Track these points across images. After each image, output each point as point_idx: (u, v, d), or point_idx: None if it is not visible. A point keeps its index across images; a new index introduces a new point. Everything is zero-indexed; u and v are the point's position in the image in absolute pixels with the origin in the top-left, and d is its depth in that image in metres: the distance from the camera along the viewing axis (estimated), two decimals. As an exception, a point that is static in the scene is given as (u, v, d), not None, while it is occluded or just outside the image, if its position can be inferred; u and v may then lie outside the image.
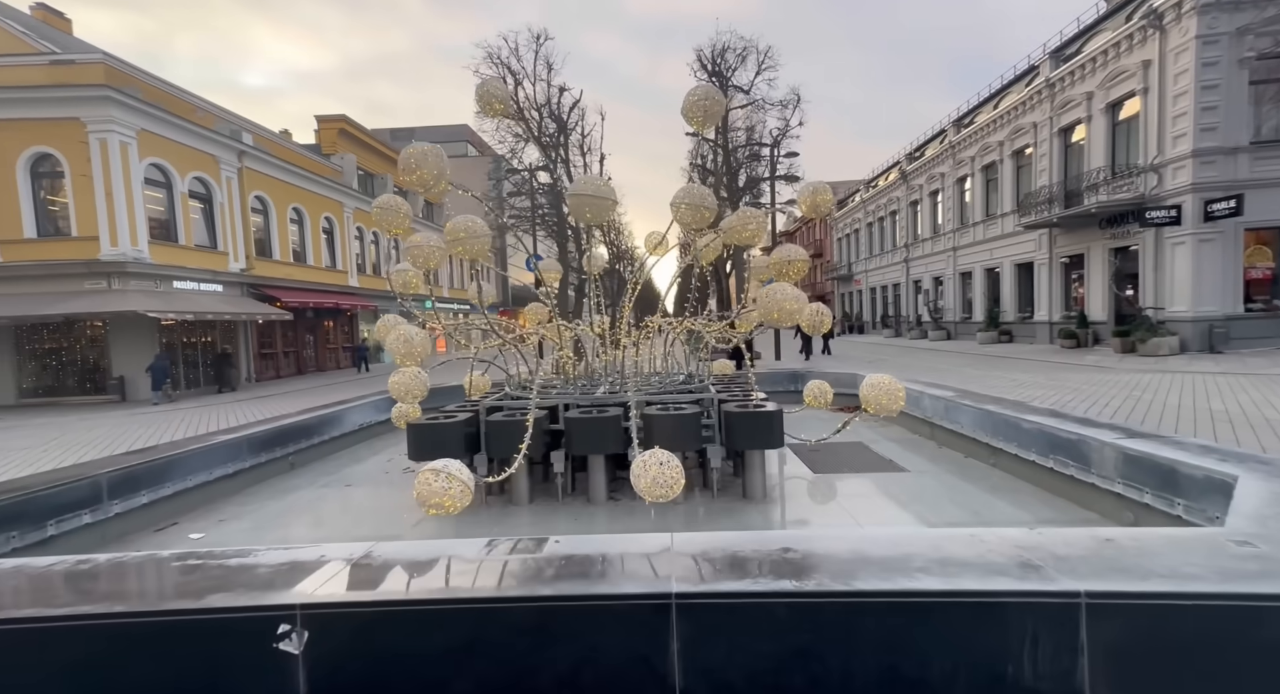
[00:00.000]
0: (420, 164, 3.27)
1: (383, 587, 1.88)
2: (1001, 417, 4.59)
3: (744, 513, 3.94)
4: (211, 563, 2.05)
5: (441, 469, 2.82)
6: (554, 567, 1.96)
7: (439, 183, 3.39)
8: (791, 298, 3.61)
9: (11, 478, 3.68)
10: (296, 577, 1.93)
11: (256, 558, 2.10)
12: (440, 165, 3.32)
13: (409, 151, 3.29)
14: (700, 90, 4.00)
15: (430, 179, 3.32)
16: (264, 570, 1.99)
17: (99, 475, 3.65)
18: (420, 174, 3.29)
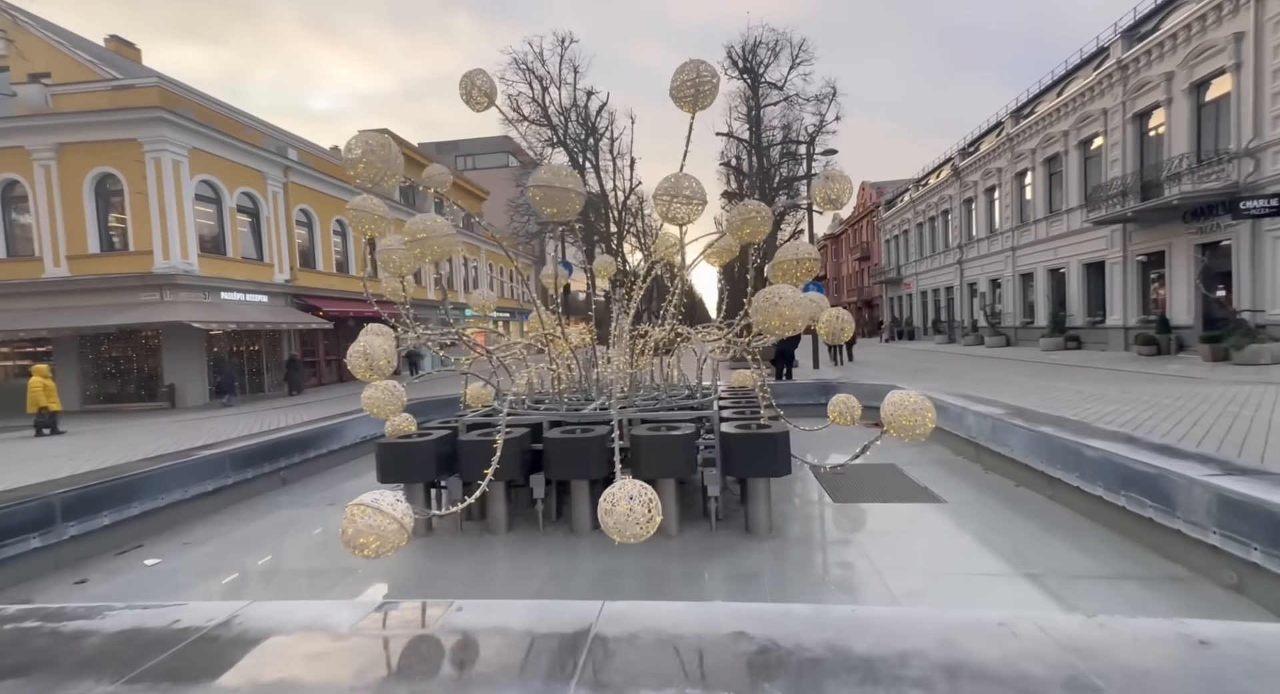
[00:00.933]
0: (363, 156, 2.93)
1: (203, 673, 1.48)
2: (1059, 441, 3.86)
3: (738, 552, 3.39)
4: (40, 628, 1.72)
5: (370, 504, 2.44)
6: (425, 654, 1.52)
7: (387, 177, 3.04)
8: (790, 302, 3.07)
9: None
10: (117, 650, 1.56)
11: (101, 620, 1.75)
12: (385, 157, 2.98)
13: (351, 142, 2.96)
14: (688, 67, 3.52)
15: (375, 172, 2.98)
16: (93, 641, 1.64)
17: (51, 496, 3.47)
18: (363, 167, 2.95)
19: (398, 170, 3.09)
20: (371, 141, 2.94)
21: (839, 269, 58.53)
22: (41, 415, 11.60)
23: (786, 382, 9.14)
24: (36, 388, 11.61)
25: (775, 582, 2.99)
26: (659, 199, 3.31)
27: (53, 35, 16.65)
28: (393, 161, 3.03)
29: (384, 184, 3.05)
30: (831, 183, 4.18)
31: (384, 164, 2.97)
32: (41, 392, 11.62)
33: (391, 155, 3.00)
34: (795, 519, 3.99)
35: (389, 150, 2.99)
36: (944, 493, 4.35)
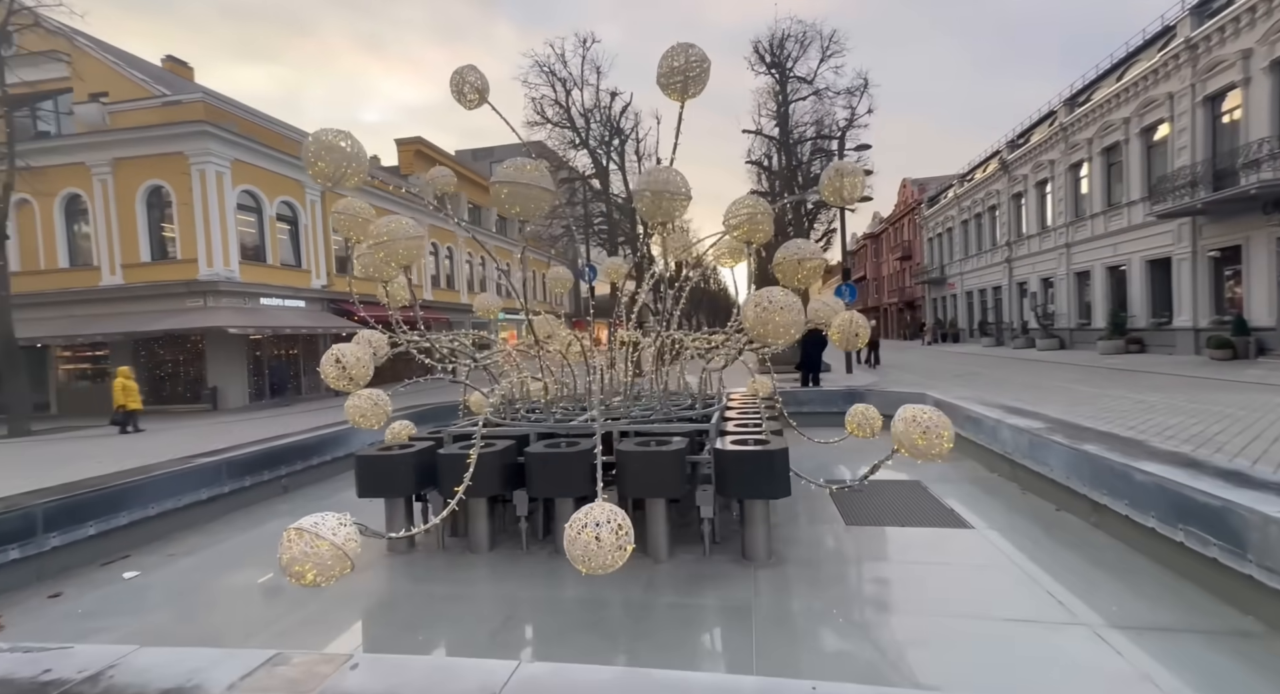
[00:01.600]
0: (320, 156, 2.77)
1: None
2: (1104, 462, 3.38)
3: (730, 582, 3.07)
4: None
5: (309, 529, 2.24)
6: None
7: (347, 177, 2.87)
8: (780, 307, 2.73)
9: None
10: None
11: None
12: (341, 158, 2.80)
13: (309, 142, 2.80)
14: (676, 52, 3.24)
15: (333, 172, 2.81)
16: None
17: (33, 506, 3.45)
18: (321, 167, 2.79)
19: (361, 168, 2.92)
20: (327, 139, 2.77)
21: (879, 269, 56.72)
22: (120, 414, 12.30)
23: (811, 389, 8.68)
24: (118, 388, 12.33)
25: (766, 621, 2.66)
26: (639, 195, 3.04)
27: (109, 56, 17.63)
28: (354, 158, 2.85)
29: (347, 183, 2.88)
30: (841, 175, 3.80)
31: (344, 161, 2.80)
32: (121, 391, 12.30)
33: (351, 153, 2.83)
34: (800, 543, 3.63)
35: (342, 152, 2.81)
36: (973, 516, 3.91)
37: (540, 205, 2.83)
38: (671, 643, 2.55)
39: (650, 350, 5.44)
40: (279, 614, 2.95)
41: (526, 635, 2.66)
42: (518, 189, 2.74)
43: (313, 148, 2.78)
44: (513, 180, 2.73)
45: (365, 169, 2.97)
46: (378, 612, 3.02)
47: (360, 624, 2.91)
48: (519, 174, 2.75)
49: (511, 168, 2.75)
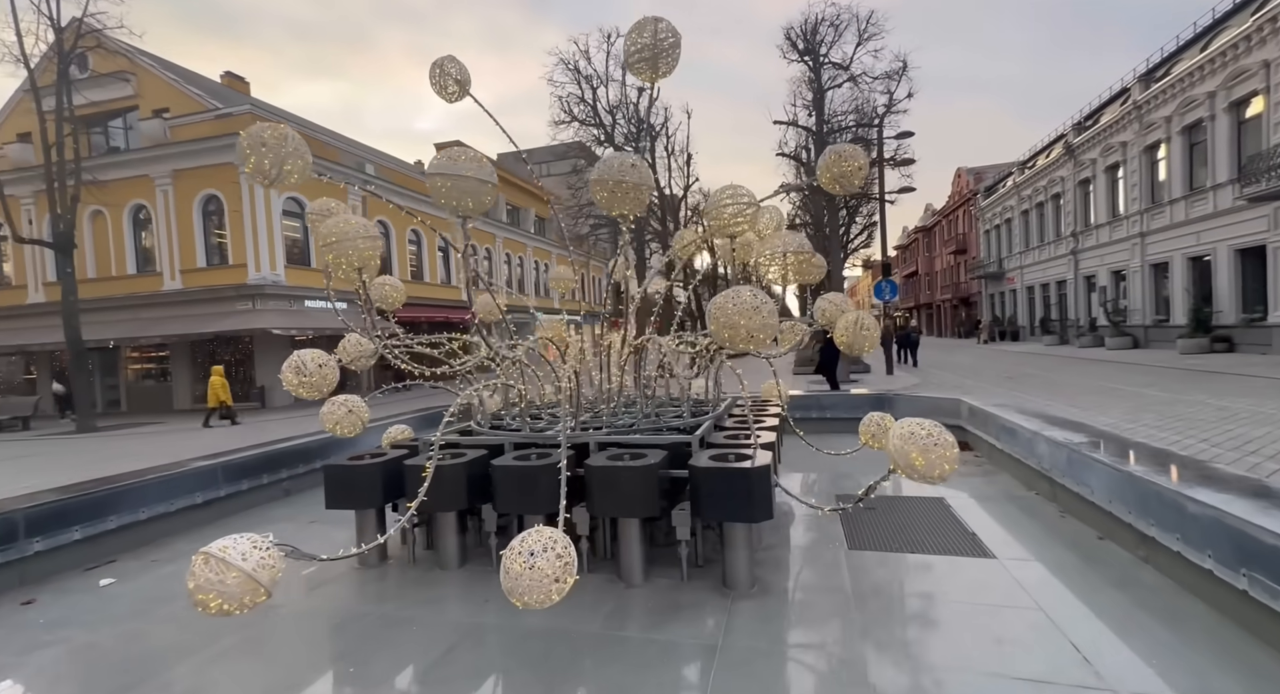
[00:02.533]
0: (254, 149, 2.63)
1: None
2: (1151, 487, 2.87)
3: (703, 614, 2.75)
4: None
5: (216, 553, 2.08)
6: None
7: (284, 175, 2.72)
8: (747, 309, 2.40)
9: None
10: None
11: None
12: (278, 152, 2.65)
13: (243, 135, 2.66)
14: (645, 26, 2.94)
15: (270, 168, 2.66)
16: None
17: (13, 511, 3.50)
18: (256, 160, 2.65)
19: (302, 164, 2.76)
20: (259, 134, 2.62)
21: (931, 264, 54.17)
22: (223, 408, 13.45)
23: (836, 394, 8.15)
24: (216, 385, 13.37)
25: (730, 664, 2.34)
26: (598, 184, 2.77)
27: (170, 74, 18.72)
28: (292, 154, 2.70)
29: (288, 180, 2.73)
30: (841, 159, 3.41)
31: (278, 158, 2.65)
32: (221, 389, 13.32)
33: (289, 148, 2.67)
34: (790, 569, 3.26)
35: (282, 145, 2.66)
36: (998, 543, 3.43)
37: (481, 198, 2.60)
38: (616, 687, 2.27)
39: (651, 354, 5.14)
40: (226, 629, 2.83)
41: (460, 670, 2.43)
42: (456, 182, 2.51)
43: (245, 144, 2.64)
44: (448, 172, 2.51)
45: (308, 166, 2.81)
46: (322, 633, 2.87)
47: (298, 648, 2.76)
48: (453, 166, 2.53)
49: (446, 159, 2.53)
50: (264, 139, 2.63)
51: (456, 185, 2.58)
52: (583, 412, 4.34)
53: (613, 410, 4.22)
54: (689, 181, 20.25)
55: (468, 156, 2.57)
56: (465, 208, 2.58)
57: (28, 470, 9.56)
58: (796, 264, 3.13)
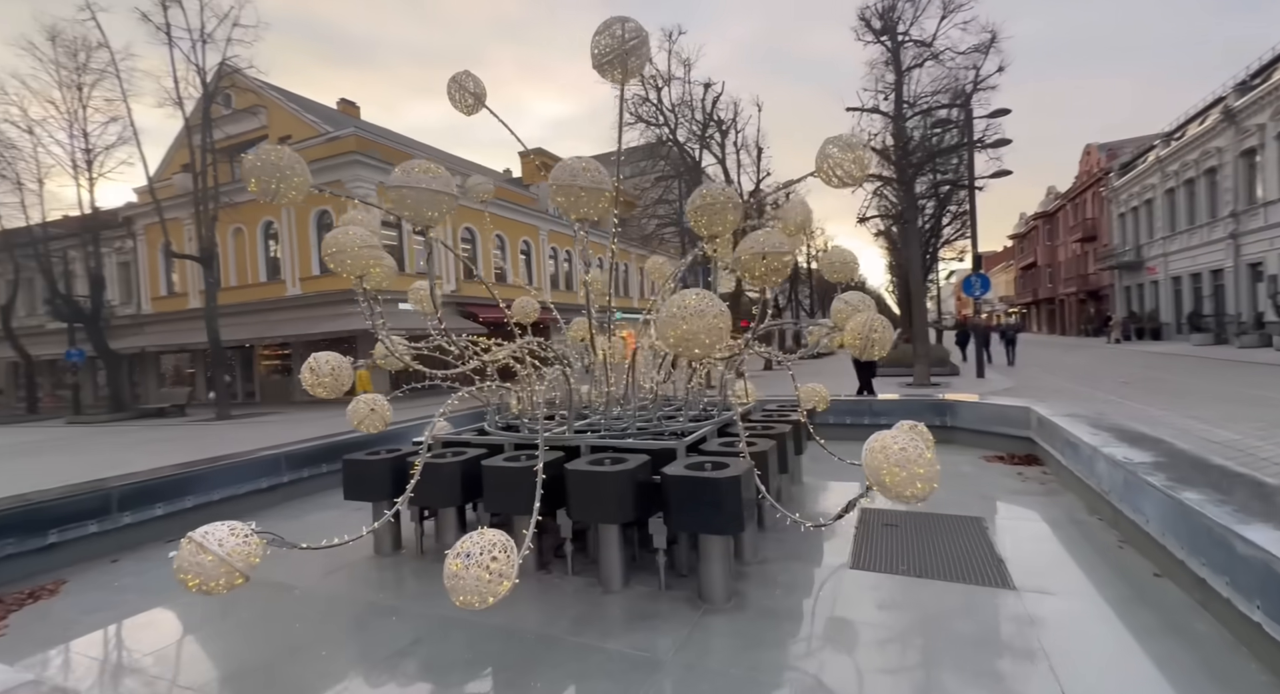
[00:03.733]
0: (254, 172, 2.90)
1: None
2: (1200, 520, 2.40)
3: (659, 626, 2.68)
4: None
5: (198, 538, 2.33)
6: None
7: (287, 192, 2.97)
8: (691, 313, 2.30)
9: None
10: None
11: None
12: (279, 173, 2.90)
13: (247, 158, 2.95)
14: (612, 25, 2.92)
15: (272, 187, 2.93)
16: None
17: (110, 489, 4.14)
18: (258, 181, 2.92)
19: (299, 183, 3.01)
20: (268, 159, 2.89)
21: (1053, 254, 48.54)
22: None
23: (887, 399, 7.52)
24: (365, 380, 15.05)
25: (669, 682, 2.27)
26: (556, 189, 2.78)
27: (292, 104, 21.14)
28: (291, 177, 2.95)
29: (283, 198, 2.99)
30: (845, 149, 3.16)
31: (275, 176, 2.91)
32: (366, 383, 15.01)
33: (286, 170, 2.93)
34: (778, 585, 3.08)
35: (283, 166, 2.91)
36: (1032, 572, 3.02)
37: (440, 207, 2.70)
38: (548, 691, 2.27)
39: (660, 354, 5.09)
40: (229, 606, 3.15)
41: (415, 661, 2.55)
42: (415, 193, 2.64)
43: (247, 167, 2.92)
44: (406, 184, 2.64)
45: (306, 183, 3.05)
46: (316, 615, 3.10)
47: (286, 629, 2.96)
48: (408, 178, 2.65)
49: (402, 172, 2.66)
50: (265, 161, 2.90)
51: (416, 196, 2.71)
52: (604, 413, 4.39)
53: (622, 414, 4.21)
54: (761, 176, 19.69)
55: (422, 168, 2.68)
56: (426, 217, 2.70)
57: (167, 451, 11.23)
58: (770, 265, 2.95)
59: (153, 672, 2.59)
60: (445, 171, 2.76)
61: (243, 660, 2.65)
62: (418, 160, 2.74)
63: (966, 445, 6.08)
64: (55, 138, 20.71)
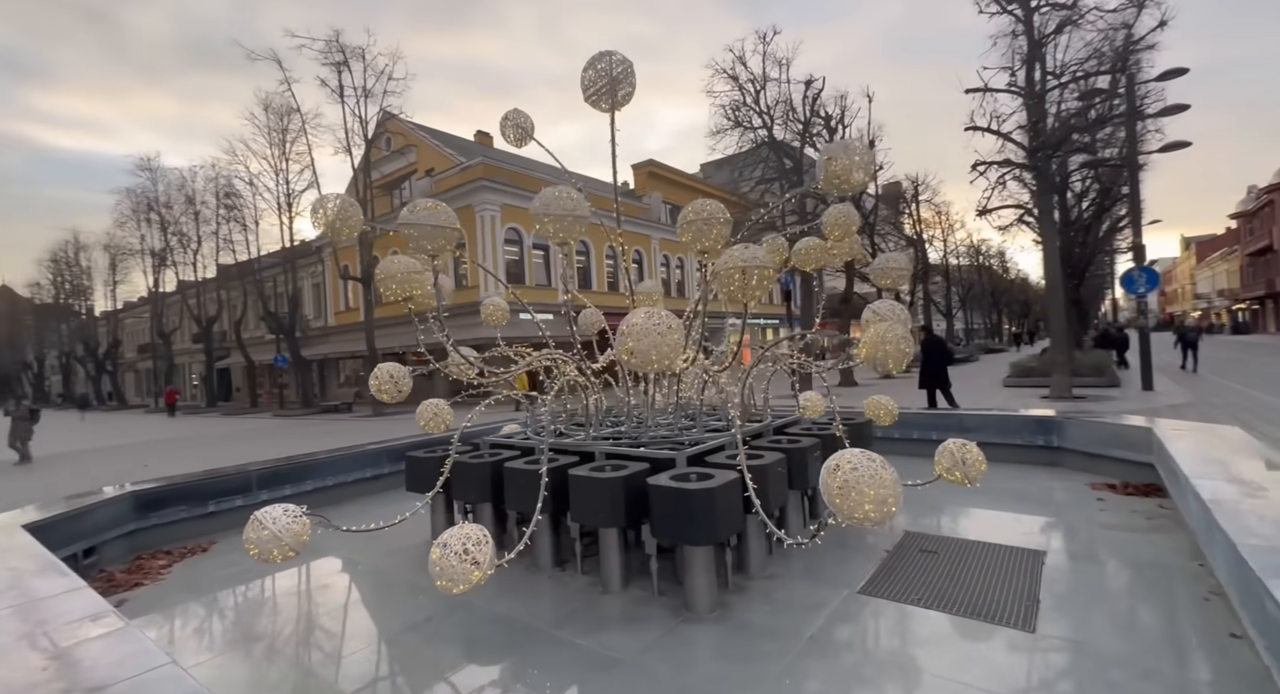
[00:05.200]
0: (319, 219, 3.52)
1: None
2: (1250, 571, 1.97)
3: (648, 629, 2.79)
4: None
5: (259, 516, 2.89)
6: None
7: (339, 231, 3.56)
8: (635, 331, 2.41)
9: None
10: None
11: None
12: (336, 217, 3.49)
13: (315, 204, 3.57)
14: (600, 59, 3.13)
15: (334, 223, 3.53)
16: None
17: (251, 472, 5.19)
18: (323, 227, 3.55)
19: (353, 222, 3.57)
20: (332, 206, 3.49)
21: (1289, 233, 38.81)
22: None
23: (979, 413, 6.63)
24: (523, 382, 17.22)
25: (607, 682, 2.40)
26: (537, 217, 3.05)
27: (434, 140, 24.06)
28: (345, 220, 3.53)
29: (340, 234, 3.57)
30: (849, 154, 3.06)
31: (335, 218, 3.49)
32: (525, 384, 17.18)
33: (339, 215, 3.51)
34: (771, 601, 3.03)
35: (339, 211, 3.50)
36: (1075, 618, 2.66)
37: (447, 240, 3.08)
38: (509, 676, 2.51)
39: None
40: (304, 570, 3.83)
41: (417, 636, 2.93)
42: (423, 230, 3.04)
43: (319, 211, 3.54)
44: (413, 222, 3.05)
45: (359, 222, 3.63)
46: (363, 586, 3.65)
47: (339, 593, 3.55)
48: (414, 216, 3.06)
49: (409, 211, 3.07)
50: (325, 209, 3.51)
51: (423, 232, 3.11)
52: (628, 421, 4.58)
53: (647, 422, 4.36)
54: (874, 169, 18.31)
55: (426, 207, 3.08)
56: (432, 249, 3.10)
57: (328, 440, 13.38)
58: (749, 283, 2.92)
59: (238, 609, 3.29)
60: (446, 208, 3.15)
61: (299, 612, 3.26)
62: (424, 200, 3.16)
63: (1077, 470, 5.29)
64: (267, 186, 25.65)
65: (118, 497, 4.46)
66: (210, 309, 32.50)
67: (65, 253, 45.68)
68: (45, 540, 3.85)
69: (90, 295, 46.64)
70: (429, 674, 2.59)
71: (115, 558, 4.35)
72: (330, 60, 19.62)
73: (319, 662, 2.76)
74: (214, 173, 28.11)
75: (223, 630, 3.17)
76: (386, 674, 2.63)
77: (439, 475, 4.21)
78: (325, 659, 2.78)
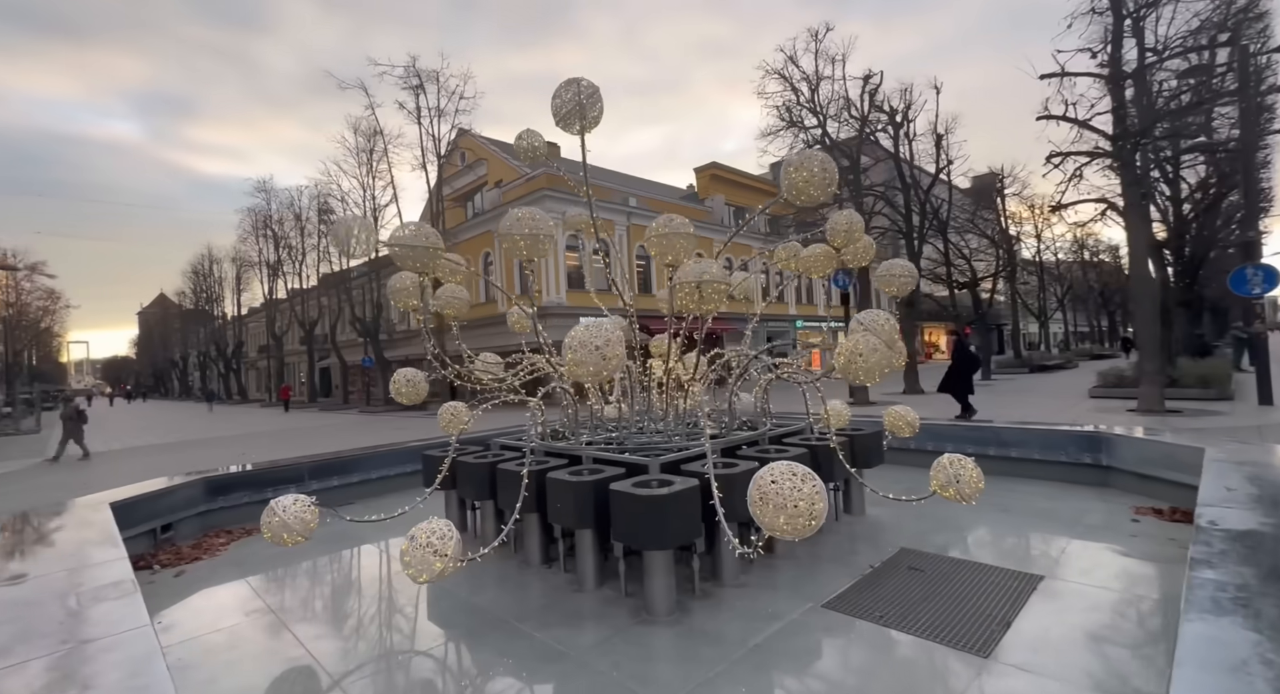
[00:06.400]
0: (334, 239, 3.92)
1: None
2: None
3: (585, 626, 2.92)
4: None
5: (273, 503, 3.26)
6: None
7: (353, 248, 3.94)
8: (574, 344, 2.55)
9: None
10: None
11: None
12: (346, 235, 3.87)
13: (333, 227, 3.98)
14: (569, 86, 3.30)
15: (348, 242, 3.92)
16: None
17: (304, 464, 5.80)
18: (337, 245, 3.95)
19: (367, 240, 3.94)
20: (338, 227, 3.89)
21: None
22: None
23: (1022, 427, 6.07)
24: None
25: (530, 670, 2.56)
26: (501, 237, 3.27)
27: (501, 152, 25.25)
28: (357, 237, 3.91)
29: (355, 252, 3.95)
30: (802, 167, 3.06)
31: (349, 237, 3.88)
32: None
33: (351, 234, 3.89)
34: (730, 610, 3.05)
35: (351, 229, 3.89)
36: (1043, 647, 2.51)
37: (422, 260, 3.35)
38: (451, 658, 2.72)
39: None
40: (335, 555, 4.25)
41: (401, 617, 3.22)
42: (408, 251, 3.33)
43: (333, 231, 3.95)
44: (398, 243, 3.33)
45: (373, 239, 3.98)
46: (383, 566, 4.02)
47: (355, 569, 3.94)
48: (407, 237, 3.34)
49: (396, 233, 3.36)
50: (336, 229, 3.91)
51: (409, 254, 3.39)
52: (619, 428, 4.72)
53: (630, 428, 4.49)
54: (941, 164, 17.05)
55: (412, 231, 3.36)
56: (417, 266, 3.38)
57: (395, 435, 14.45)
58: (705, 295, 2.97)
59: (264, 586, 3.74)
60: (429, 228, 3.42)
61: (309, 590, 3.66)
62: (411, 222, 3.45)
63: (1126, 491, 4.83)
64: (356, 202, 27.98)
65: (191, 481, 5.15)
66: (313, 314, 35.87)
67: (202, 265, 52.07)
68: (130, 517, 4.55)
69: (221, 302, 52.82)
70: (388, 652, 2.84)
71: (188, 534, 5.02)
72: (408, 84, 21.21)
73: (307, 634, 3.07)
74: (316, 191, 31.10)
75: (240, 603, 3.58)
76: (355, 645, 2.91)
77: (449, 474, 4.55)
78: (313, 632, 3.10)
